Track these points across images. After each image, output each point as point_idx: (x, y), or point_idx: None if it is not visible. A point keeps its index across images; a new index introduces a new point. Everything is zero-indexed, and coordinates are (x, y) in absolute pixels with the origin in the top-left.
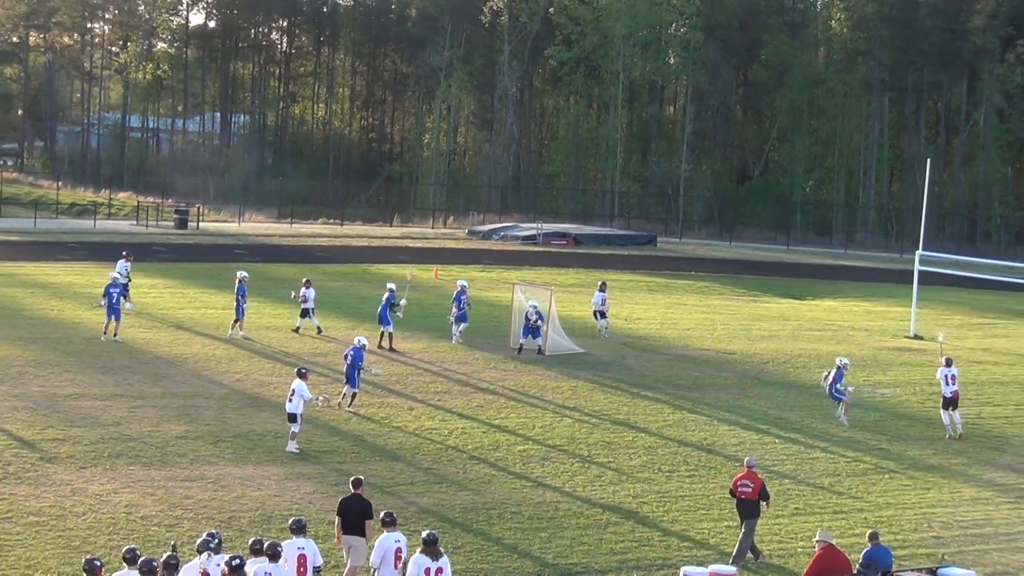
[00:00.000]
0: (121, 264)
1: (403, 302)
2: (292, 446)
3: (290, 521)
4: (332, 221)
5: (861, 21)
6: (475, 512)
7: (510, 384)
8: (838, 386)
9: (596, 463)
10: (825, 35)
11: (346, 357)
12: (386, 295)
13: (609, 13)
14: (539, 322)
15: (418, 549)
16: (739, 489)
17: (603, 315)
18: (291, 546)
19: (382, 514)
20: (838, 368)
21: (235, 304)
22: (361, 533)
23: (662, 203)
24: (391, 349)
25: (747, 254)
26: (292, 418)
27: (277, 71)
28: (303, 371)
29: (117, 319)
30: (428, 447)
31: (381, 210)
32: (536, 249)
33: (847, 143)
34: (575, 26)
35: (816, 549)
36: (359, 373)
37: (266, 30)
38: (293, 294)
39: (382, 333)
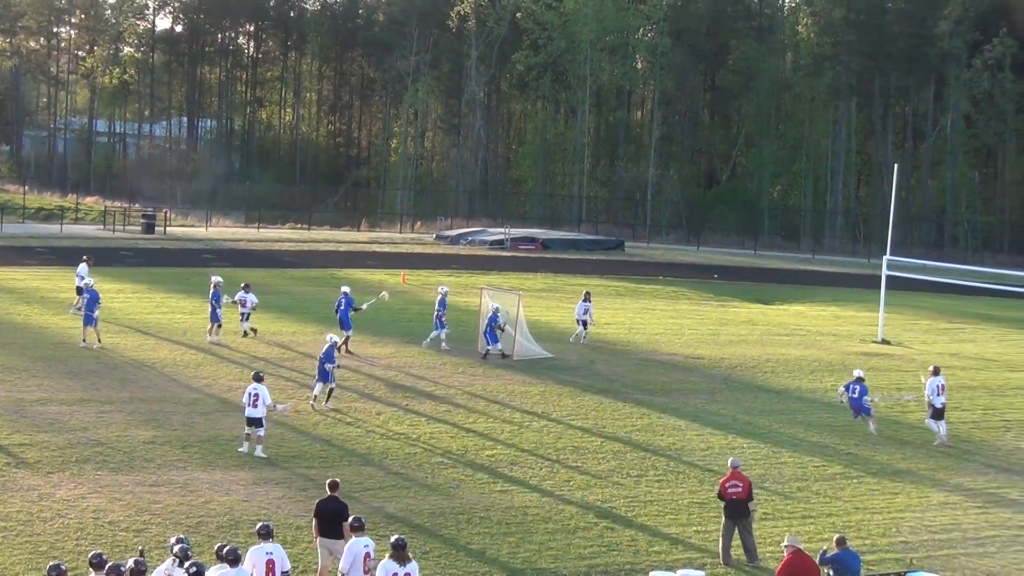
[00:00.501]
0: (82, 267)
1: (364, 307)
2: (259, 450)
3: (258, 526)
4: (299, 226)
5: (828, 26)
6: (443, 517)
7: (478, 389)
8: (866, 399)
9: (565, 468)
10: (792, 40)
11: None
12: (343, 298)
13: (576, 18)
14: (500, 325)
15: (386, 554)
16: (729, 491)
17: (584, 324)
18: (259, 551)
19: (350, 519)
20: (860, 380)
21: (210, 309)
22: (339, 535)
23: (630, 208)
24: (346, 351)
25: (715, 259)
26: (257, 423)
27: (244, 76)
28: (261, 375)
29: (93, 324)
30: (396, 452)
31: (349, 215)
32: (504, 254)
33: (815, 148)
34: (542, 31)
35: (785, 554)
36: (332, 370)
37: (233, 35)
38: (227, 299)
39: (346, 338)
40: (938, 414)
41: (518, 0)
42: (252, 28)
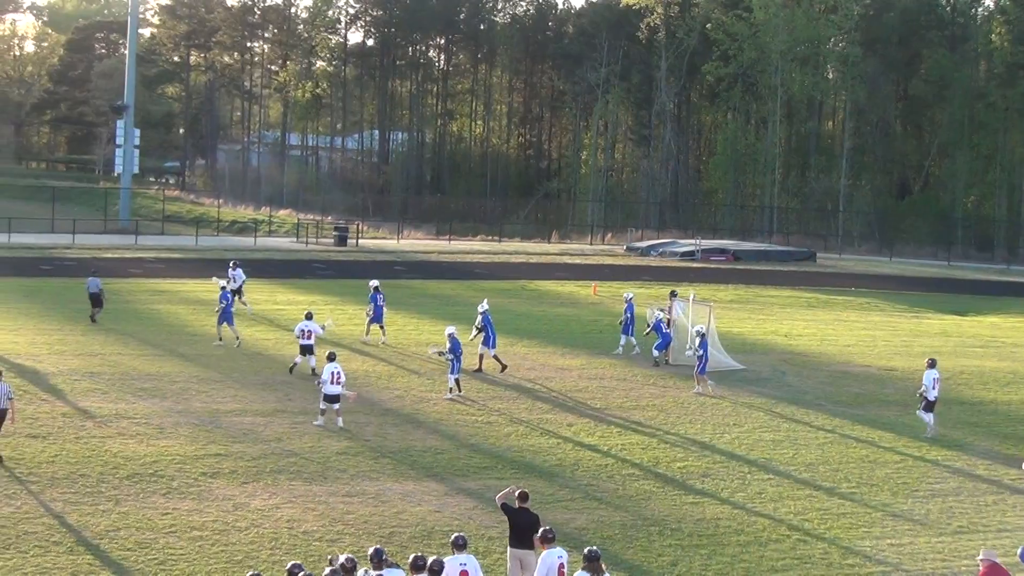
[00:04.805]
0: (234, 272)
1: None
2: (321, 420)
3: (453, 536)
4: (490, 238)
5: (1022, 35)
6: (635, 529)
7: (669, 400)
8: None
9: (756, 479)
10: (986, 49)
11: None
12: (487, 316)
13: (766, 28)
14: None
15: (580, 566)
16: None
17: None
18: (453, 562)
19: (542, 530)
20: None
21: (374, 310)
22: (530, 546)
23: (821, 219)
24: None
25: (908, 270)
26: (335, 399)
27: (435, 88)
28: (334, 354)
29: (230, 323)
30: (587, 464)
31: (539, 227)
32: (695, 265)
33: (1009, 158)
34: (732, 42)
35: (980, 568)
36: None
37: (424, 48)
38: (329, 323)
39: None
40: (930, 407)
41: (708, 11)
42: (442, 41)
